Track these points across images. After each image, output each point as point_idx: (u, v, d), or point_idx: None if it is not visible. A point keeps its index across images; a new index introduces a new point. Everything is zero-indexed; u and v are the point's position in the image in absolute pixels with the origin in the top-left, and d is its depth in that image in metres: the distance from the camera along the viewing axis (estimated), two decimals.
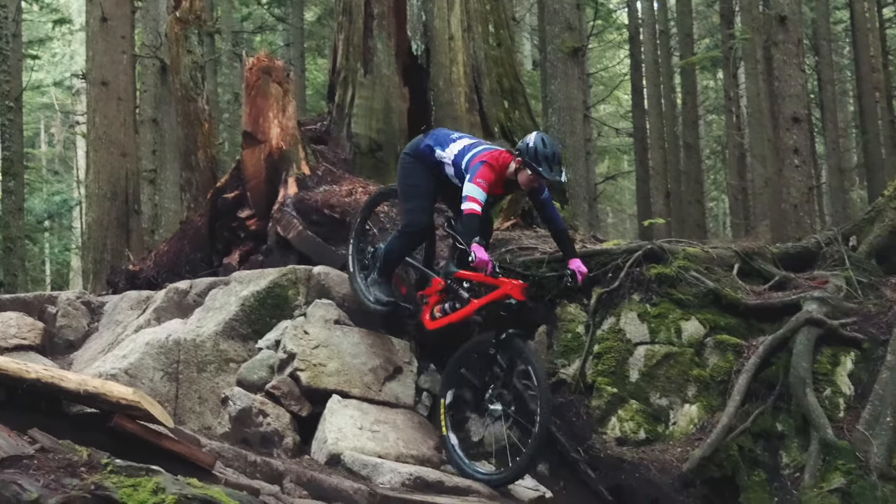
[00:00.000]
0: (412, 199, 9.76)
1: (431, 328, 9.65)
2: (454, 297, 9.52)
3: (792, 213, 17.82)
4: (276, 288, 10.47)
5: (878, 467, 7.99)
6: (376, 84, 13.68)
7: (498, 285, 9.07)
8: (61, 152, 48.86)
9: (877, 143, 27.30)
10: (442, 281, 9.63)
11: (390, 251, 9.91)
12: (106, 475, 5.59)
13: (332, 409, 9.13)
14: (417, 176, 9.78)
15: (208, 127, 14.94)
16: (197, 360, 10.01)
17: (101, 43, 18.81)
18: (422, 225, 9.74)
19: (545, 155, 9.01)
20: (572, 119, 22.31)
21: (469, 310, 9.34)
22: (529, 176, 9.14)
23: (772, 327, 9.37)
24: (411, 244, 9.97)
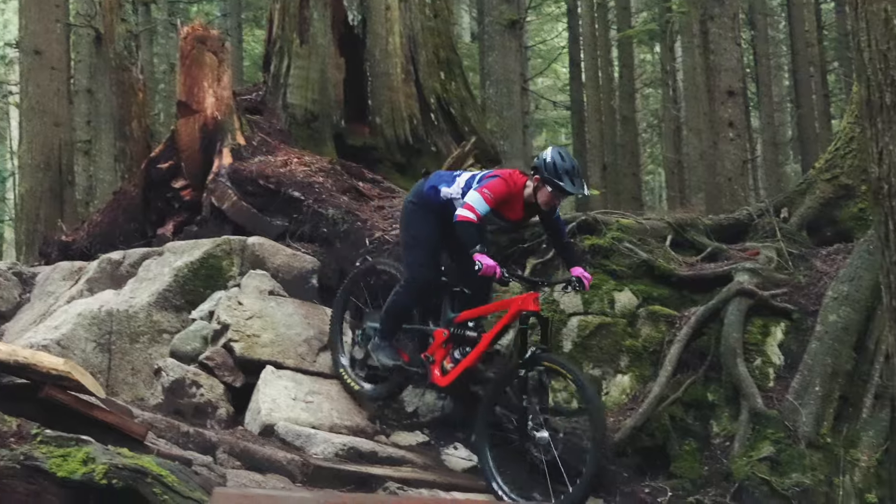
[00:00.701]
0: (416, 251, 8.91)
1: (446, 384, 8.82)
2: (461, 342, 8.80)
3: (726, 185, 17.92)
4: (210, 258, 10.42)
5: (806, 436, 8.11)
6: (312, 54, 13.60)
7: (506, 308, 8.57)
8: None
9: (811, 117, 27.53)
10: (444, 330, 8.87)
11: (393, 308, 9.01)
12: (35, 445, 5.56)
13: (266, 380, 9.11)
14: (422, 224, 8.92)
15: (143, 97, 14.80)
16: (130, 331, 9.95)
17: (35, 11, 18.57)
18: (428, 278, 8.89)
19: (565, 169, 8.30)
20: (510, 91, 22.33)
21: (482, 346, 8.64)
22: (550, 193, 8.40)
23: (704, 298, 9.45)
24: (417, 298, 9.04)
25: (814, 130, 27.54)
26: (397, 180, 12.88)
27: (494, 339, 8.70)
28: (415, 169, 13.04)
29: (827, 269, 9.60)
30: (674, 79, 31.09)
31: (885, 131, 3.82)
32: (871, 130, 3.92)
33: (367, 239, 10.56)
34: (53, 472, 5.34)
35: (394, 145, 13.25)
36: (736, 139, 18.55)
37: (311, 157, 12.39)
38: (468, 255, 8.27)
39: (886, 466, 8.14)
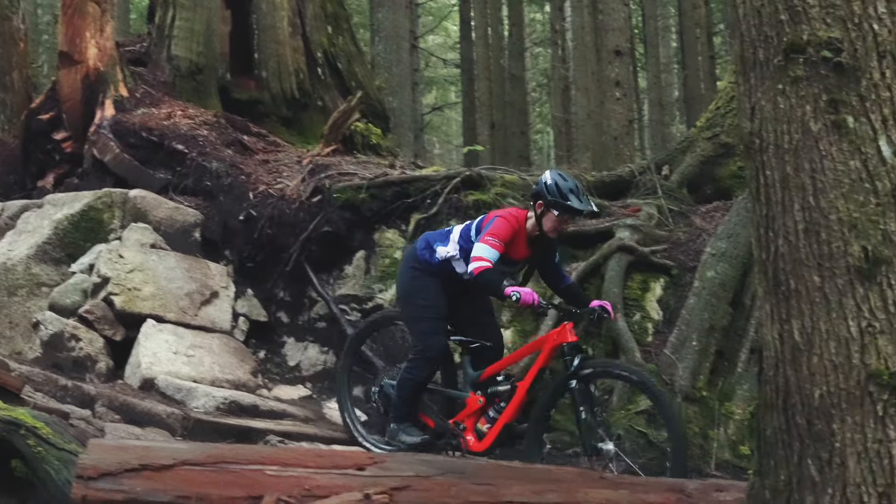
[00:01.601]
0: (425, 321, 8.11)
1: (484, 449, 7.88)
2: (493, 398, 7.96)
3: (612, 145, 18.13)
4: (90, 211, 10.31)
5: (682, 389, 8.25)
6: (198, 6, 13.42)
7: (540, 347, 7.89)
8: None
9: (696, 78, 27.79)
10: (480, 397, 7.98)
11: (407, 384, 8.13)
12: None
13: (147, 334, 9.06)
14: (427, 291, 8.11)
15: (24, 47, 14.53)
16: (8, 284, 9.82)
17: None
18: (440, 347, 8.09)
19: (569, 188, 7.62)
20: (399, 48, 22.29)
21: (519, 396, 7.79)
22: (557, 217, 7.66)
23: (585, 254, 9.54)
24: (431, 370, 8.20)
25: (699, 91, 27.81)
26: (283, 134, 12.82)
27: (532, 385, 7.83)
28: (301, 123, 13.01)
29: (706, 226, 9.75)
30: (563, 38, 31.17)
31: (757, 87, 3.88)
32: (745, 86, 3.98)
33: (251, 192, 10.52)
34: None
35: (280, 99, 13.17)
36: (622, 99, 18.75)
37: (195, 110, 12.28)
38: (479, 308, 8.10)
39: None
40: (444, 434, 8.08)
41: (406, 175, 10.44)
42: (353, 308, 9.69)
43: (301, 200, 10.27)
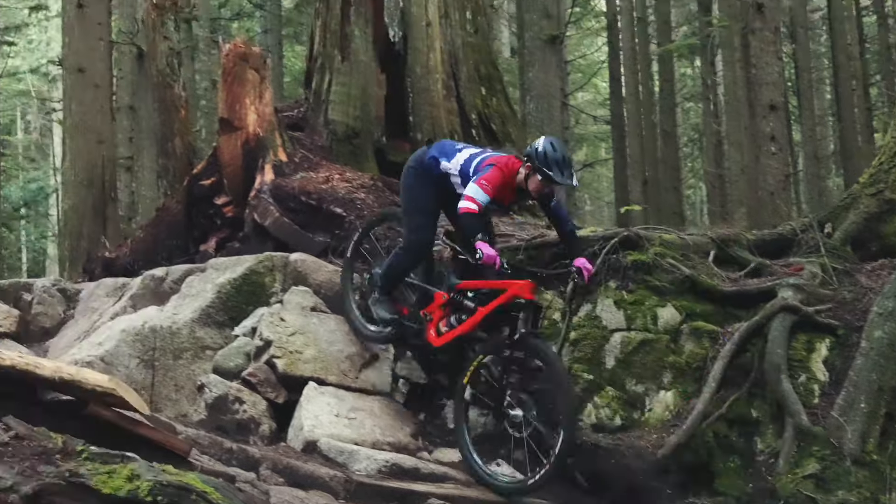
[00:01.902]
0: (416, 215, 9.47)
1: (439, 345, 9.28)
2: (459, 308, 9.18)
3: (768, 200, 17.85)
4: (252, 275, 10.46)
5: (851, 453, 8.03)
6: (353, 71, 13.64)
7: (505, 288, 8.78)
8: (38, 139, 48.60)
9: (853, 130, 27.32)
10: (445, 294, 9.30)
11: (393, 268, 9.63)
12: (81, 462, 5.58)
13: (309, 397, 9.13)
14: (422, 190, 9.45)
15: (185, 114, 14.91)
16: (173, 348, 10.00)
17: (78, 29, 18.69)
18: (426, 240, 9.48)
19: (556, 159, 8.69)
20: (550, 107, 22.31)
21: (477, 318, 8.95)
22: (540, 182, 8.81)
23: (747, 314, 9.37)
24: (416, 260, 9.63)
25: (856, 144, 27.33)
26: None
27: (488, 315, 8.89)
28: None
29: (872, 285, 9.51)
30: (714, 93, 30.93)
31: None
32: None
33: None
34: (99, 489, 5.36)
35: None
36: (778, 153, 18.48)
37: (352, 174, 12.43)
38: None
39: None
40: (412, 320, 9.55)
41: None
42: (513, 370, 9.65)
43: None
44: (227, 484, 6.22)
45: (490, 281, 8.93)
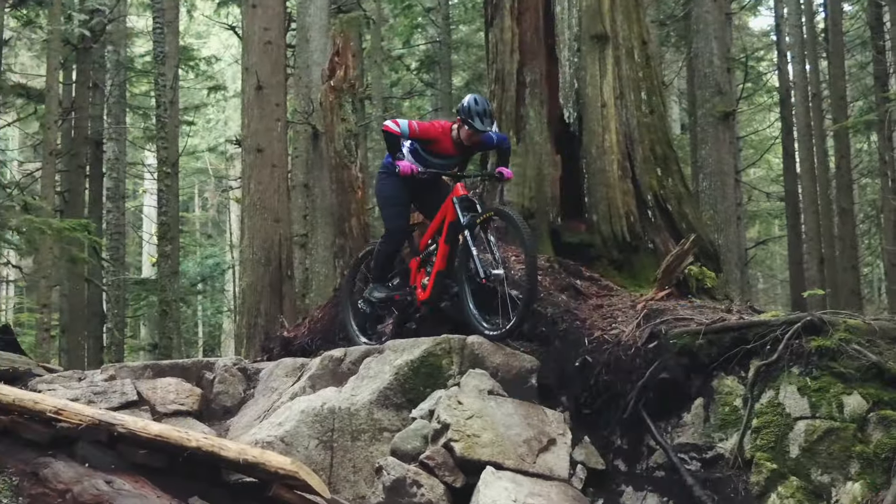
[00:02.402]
0: (388, 207, 11.60)
1: (426, 297, 11.36)
2: (428, 258, 11.42)
3: None
4: (429, 357, 10.50)
5: None
6: (529, 152, 13.69)
7: (444, 213, 11.10)
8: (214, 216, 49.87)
9: None
10: (416, 258, 11.60)
11: (380, 255, 11.72)
12: None
13: (486, 481, 9.07)
14: (391, 186, 11.47)
15: (361, 194, 15.10)
16: (351, 429, 10.07)
17: (256, 110, 19.20)
18: (401, 226, 11.62)
19: (477, 111, 10.92)
20: (723, 184, 22.19)
21: (442, 251, 11.13)
22: (467, 131, 11.06)
23: None
24: (396, 244, 11.71)
25: None
26: (614, 278, 12.77)
27: (447, 236, 11.07)
28: (632, 266, 12.95)
29: None
30: (892, 168, 30.29)
31: None
32: None
33: (587, 338, 10.50)
34: None
35: (611, 242, 13.16)
36: None
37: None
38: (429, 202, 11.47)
39: None
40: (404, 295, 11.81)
41: (744, 320, 10.21)
42: (693, 457, 9.49)
43: (637, 346, 10.18)
44: None
45: (432, 222, 11.33)
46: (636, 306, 11.15)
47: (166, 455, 7.09)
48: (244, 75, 20.25)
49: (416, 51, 36.80)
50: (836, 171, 30.07)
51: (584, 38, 13.95)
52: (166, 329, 24.40)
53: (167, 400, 11.28)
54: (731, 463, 9.27)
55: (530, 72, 14.07)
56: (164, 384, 11.54)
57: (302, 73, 24.81)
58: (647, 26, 15.41)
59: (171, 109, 26.81)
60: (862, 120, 30.28)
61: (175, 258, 26.83)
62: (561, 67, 14.12)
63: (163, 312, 24.54)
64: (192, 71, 33.97)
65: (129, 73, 32.01)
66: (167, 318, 24.50)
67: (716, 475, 9.26)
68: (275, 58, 19.79)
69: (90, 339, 27.70)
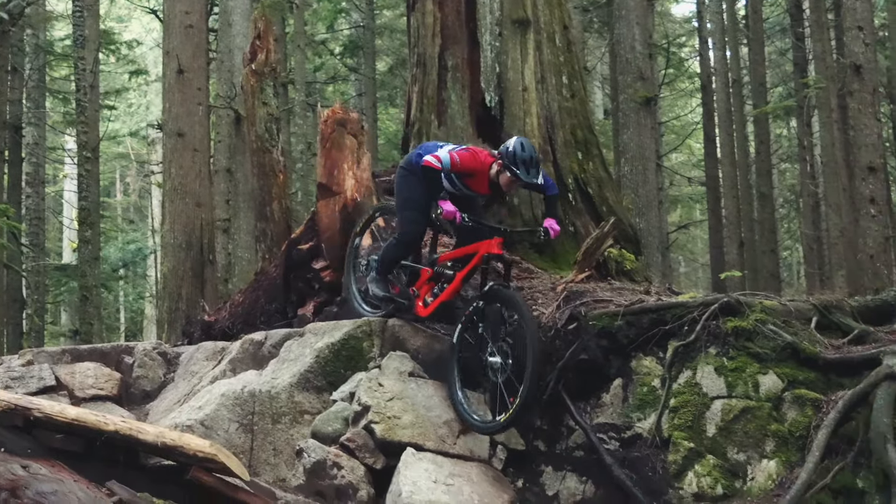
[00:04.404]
0: (407, 210, 10.53)
1: (426, 314, 10.42)
2: (441, 279, 10.44)
3: (868, 263, 17.64)
4: (350, 340, 10.50)
5: None
6: (450, 135, 13.67)
7: (476, 250, 9.97)
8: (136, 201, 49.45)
9: None
10: (429, 269, 10.55)
11: (387, 255, 10.77)
12: None
13: (407, 462, 9.11)
14: (412, 188, 10.46)
15: (283, 178, 15.04)
16: (272, 412, 10.07)
17: (178, 95, 19.06)
18: (416, 234, 10.61)
19: (523, 158, 9.80)
20: (645, 168, 22.35)
21: (455, 283, 10.19)
22: (508, 178, 9.95)
23: (851, 382, 9.20)
24: (407, 250, 10.78)
25: None
26: (535, 261, 12.82)
27: (465, 277, 10.19)
28: (553, 249, 13.01)
29: None
30: (811, 154, 30.69)
31: None
32: None
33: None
34: None
35: (532, 226, 13.23)
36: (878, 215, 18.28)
37: (450, 239, 12.44)
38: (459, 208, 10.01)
39: None
40: (403, 297, 10.69)
41: (662, 302, 10.31)
42: (612, 437, 9.58)
43: (556, 328, 10.24)
44: None
45: (464, 247, 10.17)
46: (556, 288, 11.21)
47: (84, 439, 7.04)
48: (165, 59, 20.07)
49: (340, 35, 36.68)
50: (755, 156, 30.40)
51: (505, 22, 13.97)
52: (87, 315, 24.15)
53: (86, 385, 11.21)
54: (649, 442, 9.37)
55: (452, 56, 14.07)
56: (83, 369, 11.45)
57: (224, 57, 24.67)
58: (569, 11, 15.47)
59: (91, 94, 26.50)
60: (781, 105, 30.65)
61: (96, 243, 26.58)
62: (482, 52, 14.13)
63: (83, 298, 24.28)
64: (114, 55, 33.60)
65: (48, 56, 31.62)
66: (88, 304, 24.25)
67: (634, 454, 9.35)
68: (196, 42, 19.66)
69: (9, 326, 27.34)
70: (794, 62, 31.09)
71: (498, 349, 9.51)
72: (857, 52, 18.55)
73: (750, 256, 28.42)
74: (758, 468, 9.01)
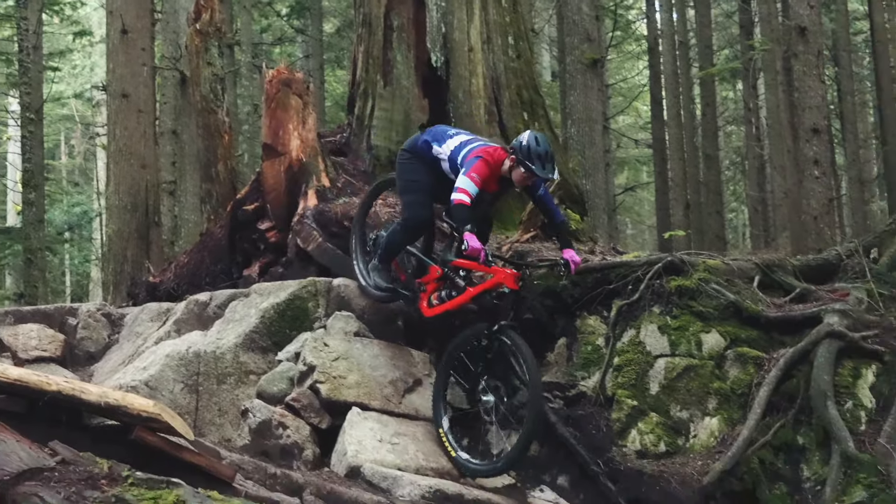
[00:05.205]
0: (411, 194, 10.01)
1: (429, 315, 9.88)
2: (451, 285, 9.77)
3: (812, 224, 17.75)
4: (295, 300, 10.50)
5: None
6: (396, 96, 13.66)
7: (492, 274, 9.30)
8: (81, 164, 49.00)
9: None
10: (439, 269, 9.89)
11: (391, 242, 10.20)
12: (126, 487, 5.59)
13: (352, 422, 9.12)
14: (416, 172, 10.00)
15: (228, 139, 14.96)
16: (217, 373, 10.04)
17: (122, 55, 18.84)
18: (421, 218, 9.99)
19: (538, 153, 9.22)
20: (591, 130, 22.32)
21: (465, 297, 9.55)
22: (523, 174, 9.36)
23: (793, 340, 9.34)
24: (412, 237, 10.23)
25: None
26: None
27: (475, 297, 9.54)
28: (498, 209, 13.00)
29: None
30: (757, 116, 30.85)
31: None
32: None
33: None
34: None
35: None
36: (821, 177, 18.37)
37: (395, 199, 12.43)
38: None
39: None
40: (408, 288, 10.15)
41: (607, 261, 10.38)
42: (556, 395, 9.64)
43: None
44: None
45: (480, 264, 9.27)
46: (501, 248, 11.24)
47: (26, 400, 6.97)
48: (109, 19, 19.82)
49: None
50: (702, 119, 30.55)
51: None
52: (32, 278, 23.98)
53: (29, 346, 11.14)
54: (594, 401, 9.45)
55: (397, 16, 13.99)
56: (26, 330, 11.38)
57: (170, 17, 24.39)
58: None
59: (34, 55, 26.16)
60: (727, 67, 30.79)
61: (41, 206, 26.32)
62: (428, 11, 14.11)
63: (28, 261, 24.11)
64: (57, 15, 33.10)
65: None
66: (33, 267, 24.07)
67: (578, 412, 9.43)
68: (140, 1, 19.43)
69: None
70: (741, 24, 31.18)
71: (493, 387, 9.21)
72: (803, 14, 18.58)
73: (696, 218, 28.60)
74: (700, 426, 9.11)
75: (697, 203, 28.78)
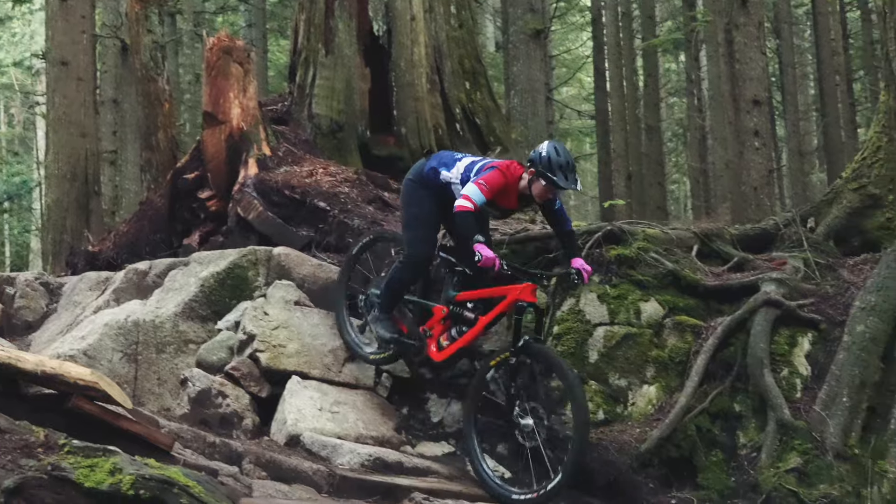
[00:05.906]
0: (416, 229, 9.27)
1: (440, 359, 9.16)
2: (459, 321, 9.06)
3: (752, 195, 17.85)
4: (235, 269, 10.44)
5: (833, 447, 8.06)
6: (337, 64, 13.61)
7: (505, 294, 8.72)
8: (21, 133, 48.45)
9: (836, 126, 27.41)
10: (444, 308, 9.13)
11: (392, 283, 9.34)
12: (63, 456, 5.57)
13: (292, 390, 9.13)
14: (421, 202, 9.25)
15: (169, 107, 14.85)
16: (156, 342, 10.00)
17: (61, 22, 18.62)
18: (425, 254, 9.26)
19: (559, 164, 8.51)
20: (534, 101, 22.34)
21: (478, 329, 8.90)
22: (544, 187, 8.65)
23: (730, 308, 9.40)
24: (415, 273, 9.40)
25: (840, 139, 27.43)
26: None
27: (490, 323, 8.95)
28: None
29: (854, 280, 9.53)
30: (699, 87, 31.03)
31: None
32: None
33: (393, 249, 10.50)
34: (80, 483, 5.35)
35: (419, 155, 13.15)
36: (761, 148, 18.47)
37: (336, 168, 12.41)
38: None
39: None
40: (412, 337, 9.31)
41: (547, 230, 10.38)
42: None
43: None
44: (209, 478, 6.21)
45: (489, 289, 8.85)
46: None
47: None
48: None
49: None
50: (644, 90, 30.68)
51: None
52: None
53: None
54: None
55: None
56: None
57: None
58: None
59: None
60: (669, 39, 30.92)
61: None
62: None
63: None
64: None
65: None
66: None
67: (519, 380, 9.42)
68: None
69: None
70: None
71: (531, 409, 8.41)
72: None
73: (638, 189, 28.73)
74: (638, 393, 9.18)
75: (639, 174, 28.91)
